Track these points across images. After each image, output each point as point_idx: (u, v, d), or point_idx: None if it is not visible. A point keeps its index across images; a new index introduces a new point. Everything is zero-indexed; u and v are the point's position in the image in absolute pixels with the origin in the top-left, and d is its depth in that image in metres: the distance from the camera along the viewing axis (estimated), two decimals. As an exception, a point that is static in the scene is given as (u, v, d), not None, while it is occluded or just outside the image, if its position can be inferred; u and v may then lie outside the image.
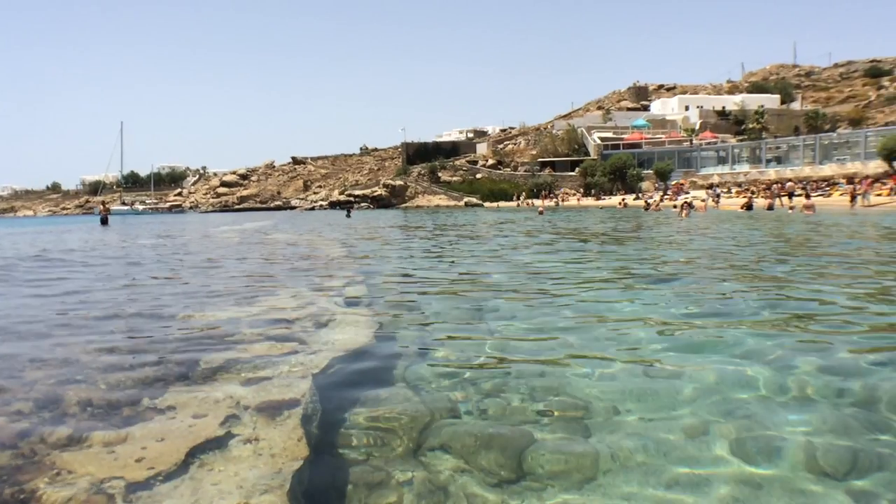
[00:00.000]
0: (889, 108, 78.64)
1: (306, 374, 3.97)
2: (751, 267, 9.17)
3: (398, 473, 2.64)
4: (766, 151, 63.46)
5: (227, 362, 4.28)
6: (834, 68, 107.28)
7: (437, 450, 2.84)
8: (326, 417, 3.28)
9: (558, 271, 9.17)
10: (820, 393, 3.44)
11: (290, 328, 5.27)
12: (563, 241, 16.01)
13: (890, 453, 2.72)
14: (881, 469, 2.59)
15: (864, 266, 9.06)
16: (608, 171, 69.35)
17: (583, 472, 2.61)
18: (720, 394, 3.45)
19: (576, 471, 2.63)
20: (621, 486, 2.50)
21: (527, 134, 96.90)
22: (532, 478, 2.60)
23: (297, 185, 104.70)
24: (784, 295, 6.45)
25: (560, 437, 2.94)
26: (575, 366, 3.99)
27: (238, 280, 8.88)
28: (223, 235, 23.81)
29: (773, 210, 34.80)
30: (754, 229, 18.71)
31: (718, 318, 5.33)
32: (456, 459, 2.74)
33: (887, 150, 41.84)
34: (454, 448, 2.83)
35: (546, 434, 2.97)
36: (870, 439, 2.86)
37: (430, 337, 4.89)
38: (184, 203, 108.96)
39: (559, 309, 5.95)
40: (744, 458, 2.70)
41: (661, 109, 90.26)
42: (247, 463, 2.77)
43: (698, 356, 4.18)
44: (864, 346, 4.32)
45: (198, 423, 3.26)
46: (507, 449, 2.81)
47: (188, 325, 5.52)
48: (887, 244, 12.81)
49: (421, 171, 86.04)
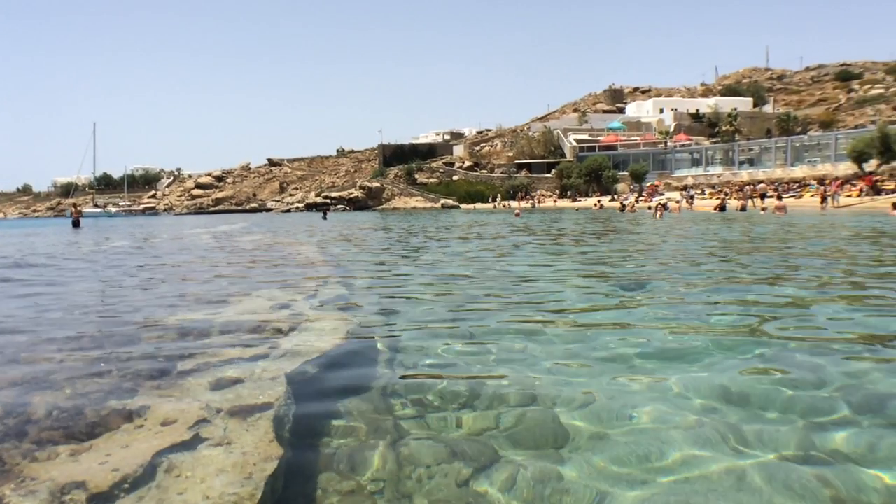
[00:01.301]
0: (859, 111, 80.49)
1: (279, 377, 3.91)
2: (720, 268, 9.28)
3: (370, 482, 2.60)
4: (739, 153, 64.55)
5: (199, 366, 4.20)
6: (805, 72, 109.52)
7: (411, 455, 2.80)
8: (299, 421, 3.23)
9: (534, 273, 9.20)
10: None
11: (264, 331, 5.19)
12: (538, 243, 16.07)
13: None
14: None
15: (830, 267, 9.22)
16: (584, 173, 69.94)
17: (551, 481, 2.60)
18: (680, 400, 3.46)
19: (544, 473, 2.61)
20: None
21: (503, 136, 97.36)
22: (503, 483, 2.58)
23: (273, 187, 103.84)
24: (750, 296, 6.53)
25: (529, 449, 2.91)
26: (550, 372, 3.98)
27: (211, 283, 8.76)
28: (197, 238, 23.49)
29: (746, 211, 35.37)
30: (727, 230, 18.97)
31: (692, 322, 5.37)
32: (428, 465, 2.70)
33: (857, 152, 42.77)
34: (426, 454, 2.80)
35: (514, 444, 2.94)
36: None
37: (405, 339, 4.85)
38: (158, 205, 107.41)
39: (537, 313, 5.95)
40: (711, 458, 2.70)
41: (636, 112, 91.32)
42: (216, 467, 2.71)
43: (670, 363, 4.20)
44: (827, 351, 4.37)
45: (166, 428, 3.18)
46: (478, 455, 2.78)
47: (159, 329, 5.41)
48: (854, 245, 13.06)
49: (398, 172, 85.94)
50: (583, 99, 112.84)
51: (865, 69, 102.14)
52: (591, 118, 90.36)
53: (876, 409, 3.18)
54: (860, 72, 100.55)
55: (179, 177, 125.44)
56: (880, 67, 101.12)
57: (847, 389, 3.45)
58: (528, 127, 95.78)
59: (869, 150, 41.82)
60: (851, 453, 2.71)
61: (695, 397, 3.38)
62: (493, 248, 14.52)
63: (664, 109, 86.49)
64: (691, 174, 65.47)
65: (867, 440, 2.82)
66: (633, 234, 18.81)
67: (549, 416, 3.19)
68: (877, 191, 38.26)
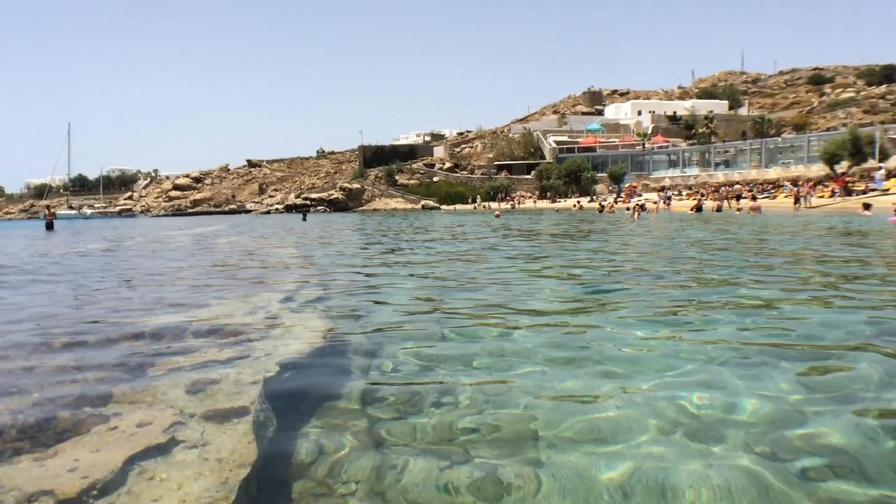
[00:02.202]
0: (830, 113, 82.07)
1: (256, 379, 3.88)
2: (694, 268, 9.40)
3: (344, 483, 2.59)
4: (715, 155, 65.43)
5: (174, 369, 4.16)
6: (779, 75, 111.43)
7: (387, 457, 2.80)
8: (276, 424, 3.21)
9: (511, 274, 9.23)
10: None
11: (241, 333, 5.15)
12: (517, 243, 16.13)
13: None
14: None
15: (797, 266, 9.39)
16: (563, 175, 70.39)
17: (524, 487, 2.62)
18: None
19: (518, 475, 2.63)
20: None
21: (483, 137, 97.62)
22: (476, 483, 2.59)
23: (253, 189, 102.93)
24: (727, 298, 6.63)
25: (502, 449, 2.93)
26: (523, 374, 4.00)
27: (187, 285, 8.66)
28: (174, 240, 23.21)
29: (722, 212, 35.86)
30: (703, 230, 19.21)
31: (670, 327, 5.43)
32: (403, 467, 2.70)
33: (828, 154, 43.57)
34: (402, 456, 2.80)
35: (488, 444, 2.95)
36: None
37: (382, 341, 4.84)
38: (134, 207, 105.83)
39: (512, 314, 5.98)
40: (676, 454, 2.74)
41: (614, 114, 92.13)
42: (192, 470, 2.69)
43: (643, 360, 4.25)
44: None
45: (140, 431, 3.14)
46: (453, 456, 2.79)
47: (132, 333, 5.34)
48: (827, 244, 13.31)
49: (378, 174, 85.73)
50: (562, 101, 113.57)
51: (837, 73, 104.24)
52: (571, 120, 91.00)
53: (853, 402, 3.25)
54: (832, 76, 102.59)
55: (156, 178, 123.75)
56: (851, 71, 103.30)
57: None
58: (509, 128, 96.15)
59: (840, 153, 42.65)
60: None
61: (661, 399, 3.43)
62: (471, 248, 14.55)
63: (642, 112, 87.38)
64: (669, 175, 66.19)
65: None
66: (611, 234, 18.97)
67: (521, 417, 3.21)
68: (848, 192, 39.02)
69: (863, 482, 2.48)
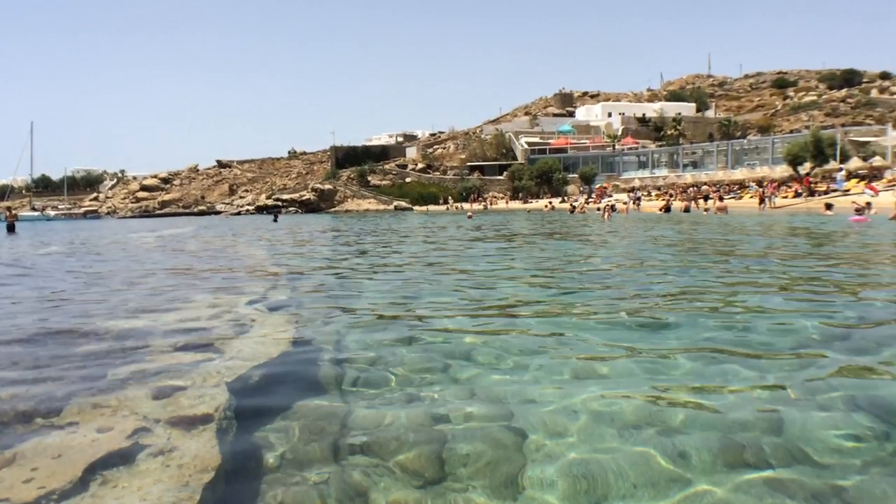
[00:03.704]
0: (794, 116, 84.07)
1: (221, 383, 3.86)
2: (665, 266, 9.56)
3: (314, 486, 2.59)
4: (683, 156, 66.59)
5: (138, 374, 4.11)
6: (745, 79, 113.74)
7: (358, 456, 2.80)
8: (241, 428, 3.19)
9: (484, 274, 9.28)
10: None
11: (206, 337, 5.10)
12: (488, 244, 16.20)
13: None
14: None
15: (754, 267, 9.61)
16: (535, 175, 70.88)
17: (503, 474, 2.65)
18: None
19: (496, 471, 2.66)
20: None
21: (456, 138, 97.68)
22: (453, 478, 2.61)
23: (223, 190, 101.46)
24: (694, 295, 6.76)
25: (477, 440, 2.96)
26: (495, 368, 4.04)
27: (153, 288, 8.52)
28: (141, 242, 22.78)
29: (690, 212, 36.46)
30: (671, 230, 19.53)
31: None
32: (376, 466, 2.71)
33: (792, 155, 44.64)
34: (375, 454, 2.81)
35: (463, 438, 2.98)
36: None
37: (351, 343, 4.83)
38: (100, 208, 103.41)
39: (484, 309, 6.02)
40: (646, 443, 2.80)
41: (585, 116, 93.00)
42: (154, 476, 2.67)
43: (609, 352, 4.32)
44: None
45: (101, 437, 3.11)
46: (427, 453, 2.81)
47: (97, 337, 5.25)
48: (789, 243, 13.64)
49: (350, 174, 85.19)
50: (534, 102, 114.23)
51: (800, 77, 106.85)
52: (542, 121, 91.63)
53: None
54: (795, 80, 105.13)
55: (123, 179, 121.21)
56: (813, 76, 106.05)
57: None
58: (481, 129, 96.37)
59: (803, 154, 43.74)
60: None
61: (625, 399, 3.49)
62: (442, 249, 14.57)
63: (612, 114, 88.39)
64: (638, 176, 67.08)
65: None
66: (582, 235, 19.17)
67: (493, 417, 3.24)
68: (811, 192, 40.01)
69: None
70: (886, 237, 14.76)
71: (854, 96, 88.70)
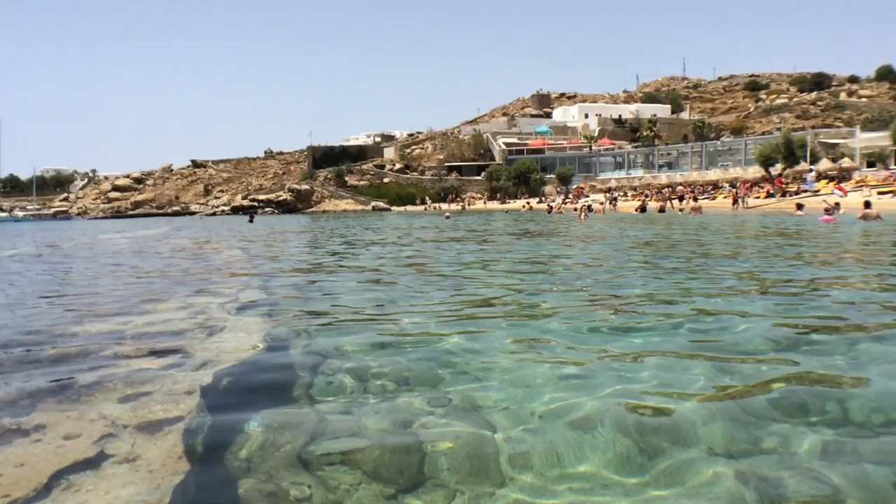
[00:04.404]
0: (766, 118, 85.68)
1: (192, 388, 3.80)
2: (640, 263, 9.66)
3: (288, 490, 2.56)
4: (659, 157, 67.47)
5: (106, 378, 4.02)
6: (718, 81, 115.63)
7: (333, 463, 2.77)
8: (212, 432, 3.14)
9: (460, 275, 9.28)
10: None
11: (177, 340, 5.02)
12: (465, 244, 16.22)
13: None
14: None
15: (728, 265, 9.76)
16: (513, 176, 71.23)
17: (483, 474, 2.64)
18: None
19: (474, 474, 2.65)
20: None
21: (434, 139, 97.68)
22: (428, 485, 2.59)
23: (198, 190, 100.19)
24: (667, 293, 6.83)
25: (457, 442, 2.95)
26: (470, 371, 4.04)
27: (123, 290, 8.38)
28: (112, 243, 22.39)
29: (665, 212, 36.93)
30: (646, 230, 19.74)
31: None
32: (352, 471, 2.68)
33: (764, 156, 45.48)
34: (350, 460, 2.78)
35: (443, 441, 2.97)
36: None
37: (325, 345, 4.79)
38: (71, 209, 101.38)
39: (458, 311, 6.02)
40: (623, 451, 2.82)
41: (562, 117, 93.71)
42: (122, 480, 2.62)
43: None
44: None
45: (67, 444, 3.04)
46: (406, 458, 2.79)
47: (65, 341, 5.14)
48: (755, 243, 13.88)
49: (328, 175, 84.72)
50: (512, 103, 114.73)
51: (772, 80, 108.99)
52: (520, 122, 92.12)
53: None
54: (767, 82, 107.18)
55: (95, 179, 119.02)
56: (785, 79, 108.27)
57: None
58: (459, 130, 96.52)
59: (775, 155, 44.59)
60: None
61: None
62: (419, 250, 14.56)
63: (589, 115, 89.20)
64: (615, 177, 67.77)
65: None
66: (559, 235, 19.29)
67: (468, 417, 3.24)
68: (783, 192, 40.79)
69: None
70: (854, 237, 15.09)
71: (824, 99, 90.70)
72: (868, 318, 5.30)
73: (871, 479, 2.50)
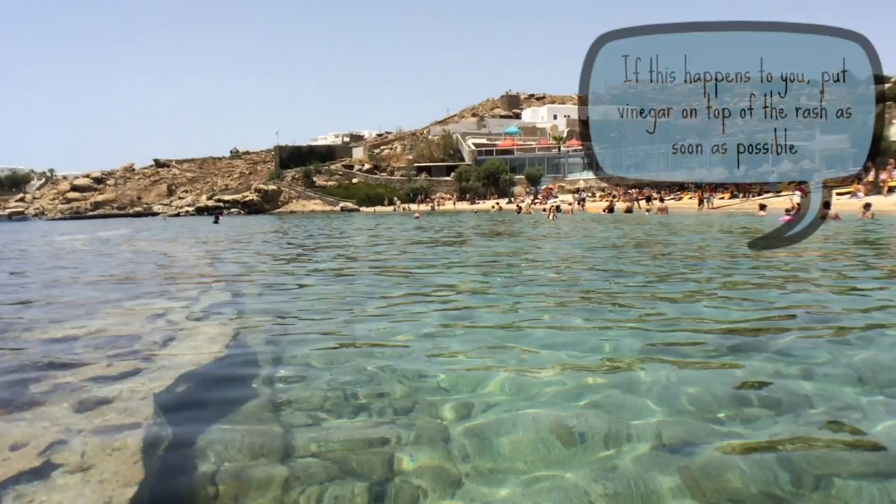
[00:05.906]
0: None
1: (148, 395, 3.69)
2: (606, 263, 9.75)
3: (245, 500, 2.49)
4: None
5: (58, 386, 3.89)
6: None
7: (295, 472, 2.70)
8: (168, 442, 3.05)
9: (428, 275, 9.25)
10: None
11: (135, 346, 4.87)
12: (436, 246, 16.20)
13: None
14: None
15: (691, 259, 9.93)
16: (482, 176, 71.50)
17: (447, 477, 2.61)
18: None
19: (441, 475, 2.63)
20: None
21: (403, 139, 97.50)
22: (402, 480, 2.56)
23: (161, 190, 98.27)
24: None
25: (423, 444, 2.91)
26: (436, 371, 4.00)
27: (79, 294, 8.13)
28: (69, 245, 21.79)
29: (632, 212, 37.48)
30: (613, 229, 19.99)
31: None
32: (313, 480, 2.62)
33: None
34: (311, 468, 2.72)
35: (409, 444, 2.93)
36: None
37: (287, 348, 4.70)
38: (27, 210, 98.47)
39: (427, 311, 5.98)
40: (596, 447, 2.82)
41: (531, 118, 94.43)
42: (74, 491, 2.54)
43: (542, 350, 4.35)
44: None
45: (14, 455, 2.92)
46: (371, 463, 2.75)
47: (13, 347, 4.96)
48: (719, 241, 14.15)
49: (295, 175, 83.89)
50: (481, 104, 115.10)
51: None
52: (489, 123, 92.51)
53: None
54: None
55: (52, 178, 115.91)
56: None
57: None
58: (428, 130, 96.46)
59: (738, 157, 45.63)
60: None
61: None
62: (388, 251, 14.49)
63: (558, 116, 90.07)
64: (583, 178, 68.51)
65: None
66: (528, 235, 19.40)
67: (437, 421, 3.21)
68: (745, 193, 41.77)
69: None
70: (814, 236, 15.48)
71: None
72: (811, 320, 5.41)
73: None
